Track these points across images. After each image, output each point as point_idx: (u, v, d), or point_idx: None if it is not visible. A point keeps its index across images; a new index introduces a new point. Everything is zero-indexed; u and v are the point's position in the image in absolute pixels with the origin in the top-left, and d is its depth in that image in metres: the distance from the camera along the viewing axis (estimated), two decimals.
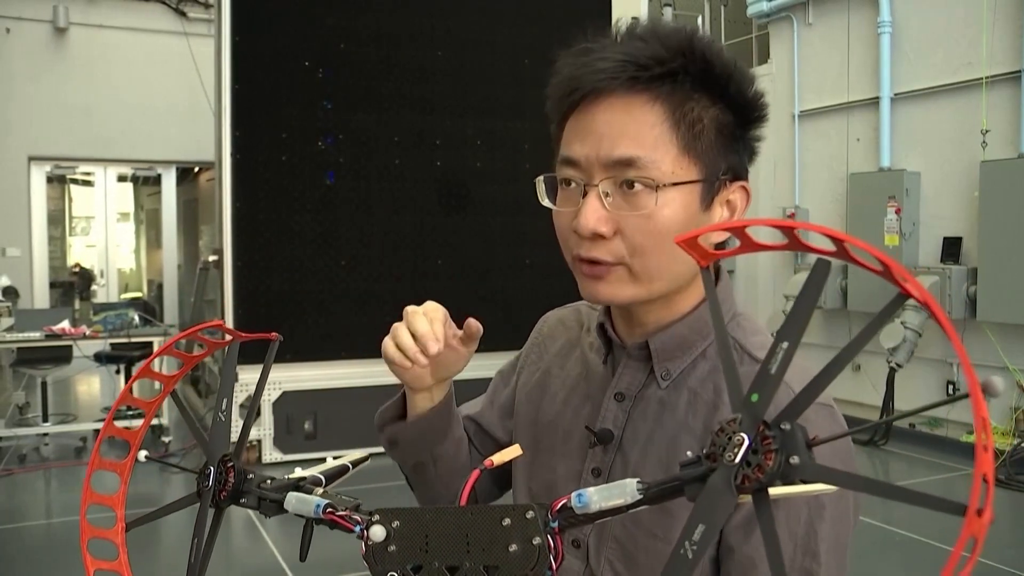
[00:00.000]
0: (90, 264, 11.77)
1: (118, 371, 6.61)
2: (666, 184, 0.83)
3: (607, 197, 0.85)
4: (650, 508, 0.61)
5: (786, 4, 7.51)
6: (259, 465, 5.58)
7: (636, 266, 0.86)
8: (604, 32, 0.88)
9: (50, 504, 5.19)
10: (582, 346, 1.05)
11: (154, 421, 6.07)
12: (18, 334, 5.81)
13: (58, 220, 12.20)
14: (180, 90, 9.23)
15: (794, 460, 0.51)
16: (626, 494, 0.60)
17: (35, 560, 4.19)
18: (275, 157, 5.66)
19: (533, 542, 0.63)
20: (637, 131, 0.84)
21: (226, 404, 0.74)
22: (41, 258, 10.11)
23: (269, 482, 0.74)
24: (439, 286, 5.96)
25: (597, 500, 0.61)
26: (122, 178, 11.61)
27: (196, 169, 10.87)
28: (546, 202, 0.91)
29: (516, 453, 0.70)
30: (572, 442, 0.98)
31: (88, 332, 5.87)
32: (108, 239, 11.39)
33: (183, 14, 9.76)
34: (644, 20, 0.89)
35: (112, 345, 6.46)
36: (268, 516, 0.73)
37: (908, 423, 6.42)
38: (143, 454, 0.77)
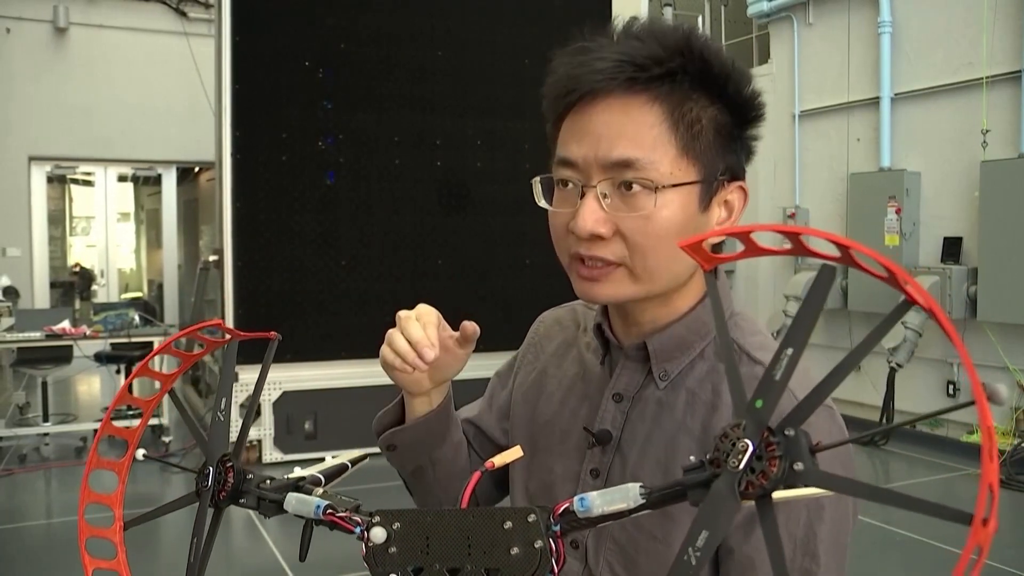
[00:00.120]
0: (90, 264, 11.77)
1: (118, 371, 6.61)
2: (665, 185, 0.83)
3: (605, 198, 0.84)
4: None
5: (786, 4, 7.50)
6: (259, 465, 5.58)
7: (636, 266, 0.85)
8: (601, 31, 0.87)
9: (50, 504, 5.19)
10: (579, 346, 1.04)
11: (154, 421, 6.06)
12: (18, 334, 5.81)
13: (58, 220, 12.20)
14: (180, 90, 9.24)
15: (798, 466, 0.51)
16: (628, 498, 0.59)
17: (35, 560, 4.19)
18: (275, 157, 5.66)
19: (535, 545, 0.63)
20: (635, 132, 0.83)
21: (225, 404, 0.74)
22: (41, 258, 10.11)
23: (268, 482, 0.74)
24: (439, 286, 5.96)
25: (599, 504, 0.61)
26: (122, 178, 11.61)
27: (196, 169, 10.87)
28: (543, 203, 0.91)
29: (517, 455, 0.70)
30: (570, 443, 0.98)
31: (88, 332, 5.87)
32: (108, 239, 11.39)
33: (183, 14, 9.77)
34: (645, 21, 0.87)
35: (112, 345, 6.45)
36: (267, 516, 0.73)
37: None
38: (141, 452, 0.77)
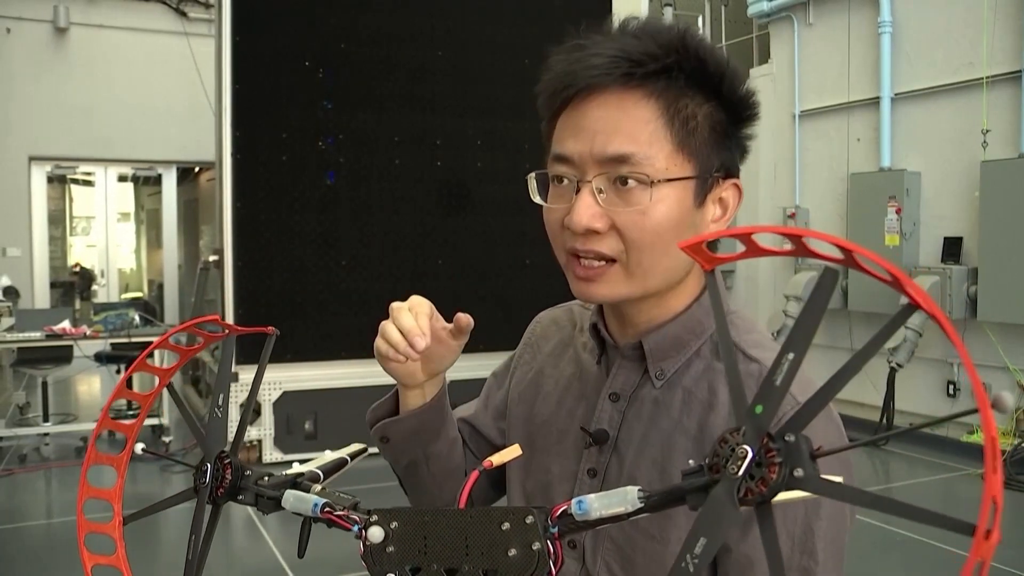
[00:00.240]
0: (90, 264, 11.78)
1: (118, 371, 6.60)
2: (660, 180, 0.83)
3: (600, 193, 0.84)
4: None
5: (786, 4, 7.50)
6: (260, 465, 5.58)
7: (631, 262, 0.86)
8: (597, 29, 0.88)
9: (50, 504, 5.19)
10: (575, 346, 1.04)
11: (154, 421, 6.07)
12: (19, 334, 5.81)
13: (59, 220, 12.20)
14: (180, 90, 9.24)
15: (798, 473, 0.50)
16: (627, 502, 0.59)
17: (35, 560, 4.19)
18: (275, 157, 5.66)
19: (532, 547, 0.63)
20: (631, 127, 0.83)
21: (222, 400, 0.74)
22: (41, 258, 10.11)
23: (267, 479, 0.74)
24: (439, 286, 5.96)
25: (597, 508, 0.60)
26: (122, 178, 11.61)
27: (196, 169, 10.88)
28: (537, 199, 0.91)
29: (516, 454, 0.70)
30: (567, 442, 0.98)
31: (88, 332, 5.87)
32: (108, 239, 11.40)
33: (183, 14, 9.77)
34: (642, 19, 0.88)
35: (112, 345, 6.45)
36: (266, 513, 0.73)
37: (908, 423, 6.42)
38: (140, 447, 0.77)
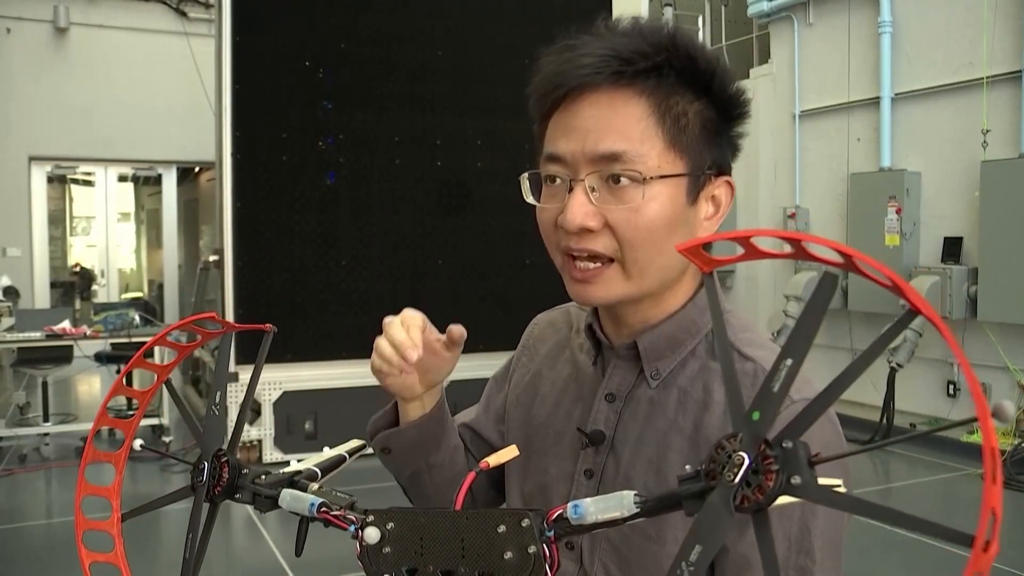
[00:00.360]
0: (91, 264, 11.78)
1: (118, 371, 6.57)
2: (653, 177, 0.83)
3: (593, 192, 0.85)
4: None
5: (787, 4, 7.50)
6: (260, 465, 5.58)
7: (627, 260, 0.86)
8: (587, 29, 0.88)
9: (50, 504, 5.18)
10: (571, 347, 1.04)
11: (155, 421, 6.07)
12: (19, 334, 5.81)
13: (59, 220, 12.20)
14: (180, 90, 9.24)
15: (795, 480, 0.49)
16: (623, 507, 0.59)
17: (35, 560, 4.18)
18: (275, 157, 5.66)
19: (528, 550, 0.62)
20: (622, 125, 0.84)
21: (219, 397, 0.73)
22: (42, 258, 10.11)
23: (263, 477, 0.74)
24: (439, 286, 5.96)
25: (593, 512, 0.60)
26: (123, 178, 11.61)
27: (196, 169, 10.88)
28: (530, 199, 0.91)
29: (513, 454, 0.70)
30: (564, 443, 0.98)
31: (89, 332, 5.87)
32: (109, 239, 11.40)
33: (183, 14, 9.77)
34: (631, 19, 0.88)
35: (113, 345, 6.45)
36: (263, 512, 0.73)
37: (909, 423, 6.41)
38: (138, 443, 0.77)
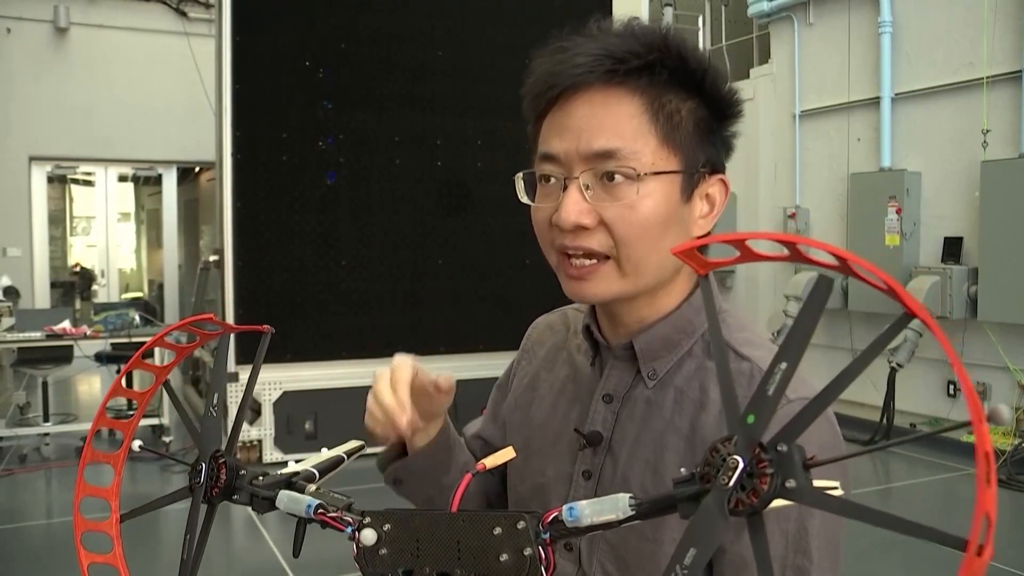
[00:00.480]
0: (91, 264, 11.78)
1: (119, 371, 6.57)
2: (647, 173, 0.84)
3: (587, 190, 0.85)
4: None
5: (787, 4, 7.50)
6: (260, 465, 5.58)
7: (622, 257, 0.86)
8: (580, 31, 0.88)
9: (50, 504, 5.18)
10: (569, 348, 1.05)
11: (155, 421, 6.07)
12: (19, 334, 5.81)
13: (59, 220, 12.20)
14: (180, 90, 9.24)
15: (790, 483, 0.49)
16: (618, 509, 0.59)
17: (35, 560, 4.18)
18: (276, 157, 5.66)
19: (524, 553, 0.63)
20: (616, 123, 0.84)
21: (217, 399, 0.73)
22: (42, 258, 10.11)
23: (262, 478, 0.74)
24: (439, 286, 5.96)
25: (589, 515, 0.60)
26: (123, 178, 11.61)
27: (197, 169, 10.88)
28: (525, 199, 0.91)
29: (510, 455, 0.70)
30: (562, 445, 0.98)
31: (89, 332, 5.87)
32: (109, 239, 11.40)
33: (183, 14, 9.77)
34: (637, 20, 0.89)
35: (113, 345, 6.45)
36: (261, 513, 0.73)
37: (909, 423, 6.41)
38: (137, 443, 0.77)
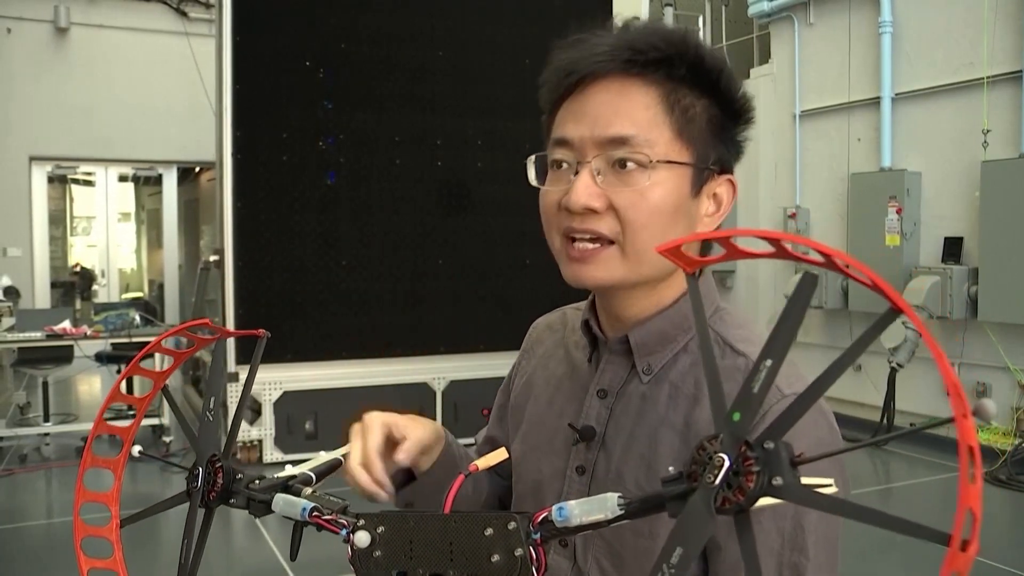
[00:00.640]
0: (91, 264, 11.78)
1: (119, 371, 6.59)
2: (659, 161, 0.85)
3: (599, 175, 0.86)
4: None
5: (787, 4, 7.50)
6: (260, 465, 5.58)
7: (627, 243, 0.86)
8: (599, 27, 0.90)
9: (50, 504, 5.19)
10: (567, 345, 1.05)
11: (155, 421, 6.07)
12: (19, 334, 5.81)
13: (59, 220, 12.21)
14: (181, 90, 9.23)
15: (777, 481, 0.49)
16: (607, 509, 0.60)
17: (35, 560, 4.19)
18: (276, 157, 5.66)
19: (515, 553, 0.63)
20: (631, 111, 0.85)
21: (214, 403, 0.74)
22: (42, 258, 10.11)
23: (258, 482, 0.74)
24: (439, 286, 5.96)
25: (578, 514, 0.61)
26: (123, 178, 11.62)
27: (197, 169, 10.87)
28: (535, 183, 0.92)
29: (501, 457, 0.71)
30: (557, 441, 0.98)
31: (89, 332, 5.87)
32: (109, 239, 11.40)
33: (184, 14, 9.77)
34: (644, 19, 0.90)
35: (113, 345, 6.46)
36: (258, 516, 0.73)
37: (909, 423, 6.41)
38: (136, 449, 0.77)
